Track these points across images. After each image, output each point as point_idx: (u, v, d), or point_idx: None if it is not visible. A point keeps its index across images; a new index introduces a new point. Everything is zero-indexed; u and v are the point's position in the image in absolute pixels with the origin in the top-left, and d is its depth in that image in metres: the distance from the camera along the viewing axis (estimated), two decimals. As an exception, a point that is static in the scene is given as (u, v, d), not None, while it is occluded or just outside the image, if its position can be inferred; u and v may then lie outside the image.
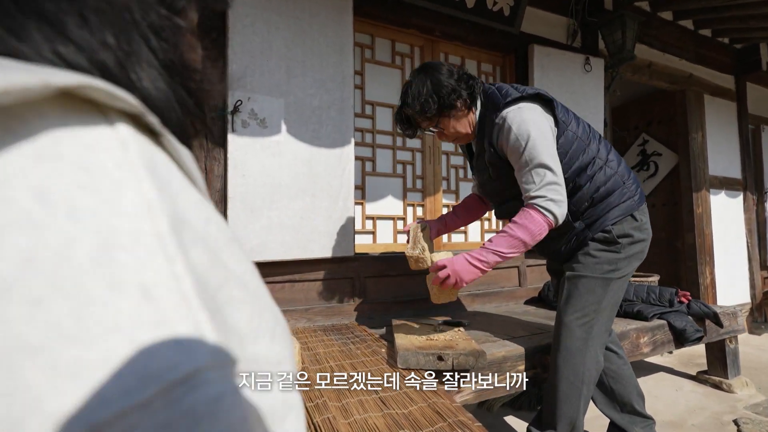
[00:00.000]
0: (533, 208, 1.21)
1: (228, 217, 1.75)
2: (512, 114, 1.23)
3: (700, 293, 3.49)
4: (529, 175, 1.22)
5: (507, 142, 1.24)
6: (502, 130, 1.24)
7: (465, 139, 1.43)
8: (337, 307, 2.07)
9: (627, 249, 1.32)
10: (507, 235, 1.21)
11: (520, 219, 1.21)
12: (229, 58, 1.78)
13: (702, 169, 3.62)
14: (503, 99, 1.26)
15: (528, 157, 1.20)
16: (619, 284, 1.34)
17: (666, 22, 3.44)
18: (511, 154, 1.24)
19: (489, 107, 1.31)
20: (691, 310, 2.05)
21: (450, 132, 1.36)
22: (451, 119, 1.33)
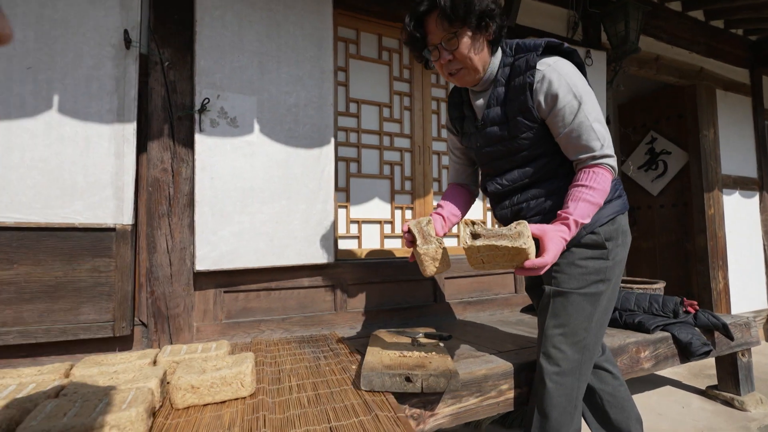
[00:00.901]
0: (605, 168, 1.07)
1: (195, 222, 1.65)
2: (553, 67, 1.08)
3: (713, 299, 3.30)
4: (591, 132, 1.07)
5: (551, 97, 1.08)
6: (541, 84, 1.09)
7: (466, 80, 1.17)
8: (317, 317, 1.95)
9: (614, 254, 1.18)
10: (587, 202, 1.04)
11: (594, 182, 1.05)
12: (196, 54, 1.68)
13: (714, 168, 3.42)
14: (533, 49, 1.11)
15: (586, 112, 1.07)
16: (610, 295, 1.20)
17: (674, 12, 3.25)
18: (559, 111, 1.08)
19: (515, 57, 1.14)
20: (699, 321, 1.89)
21: (461, 56, 1.10)
22: (471, 41, 1.09)
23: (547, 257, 0.96)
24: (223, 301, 1.78)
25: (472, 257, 1.00)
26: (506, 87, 1.15)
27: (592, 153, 1.08)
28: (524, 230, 0.96)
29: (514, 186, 1.23)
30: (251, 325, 1.83)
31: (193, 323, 1.71)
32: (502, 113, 1.17)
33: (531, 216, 1.21)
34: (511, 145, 1.19)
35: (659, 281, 2.34)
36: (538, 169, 1.19)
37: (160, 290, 1.64)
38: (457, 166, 1.47)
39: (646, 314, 1.88)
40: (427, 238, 1.13)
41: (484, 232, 0.98)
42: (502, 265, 0.99)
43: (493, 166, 1.27)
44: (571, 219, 1.03)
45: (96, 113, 1.50)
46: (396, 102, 2.35)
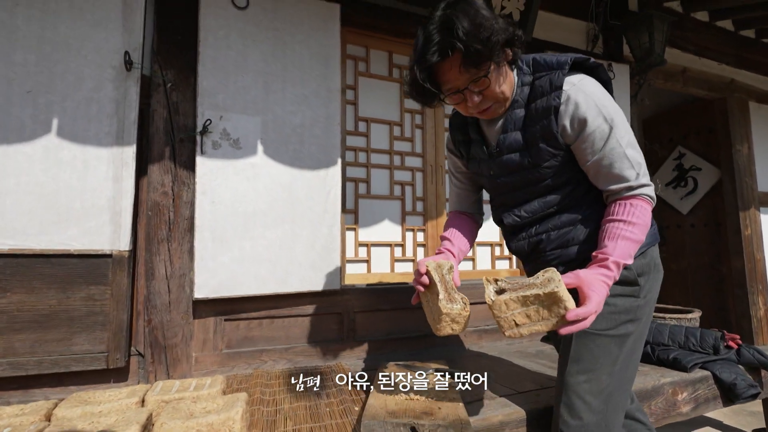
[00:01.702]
0: (643, 199, 0.96)
1: (195, 248, 1.58)
2: (579, 87, 0.97)
3: (753, 327, 3.05)
4: (625, 160, 0.96)
5: (578, 122, 0.96)
6: (566, 106, 0.97)
7: (497, 113, 1.05)
8: (322, 346, 1.85)
9: (646, 291, 1.04)
10: (628, 240, 0.92)
11: (633, 216, 0.94)
12: (199, 74, 1.64)
13: (749, 185, 3.20)
14: (558, 67, 0.99)
15: (618, 137, 0.96)
16: (637, 336, 1.06)
17: (701, 23, 3.10)
18: (588, 136, 0.96)
19: (534, 75, 1.02)
20: (743, 357, 1.70)
21: (492, 93, 0.98)
22: (497, 74, 0.97)
23: (590, 305, 0.83)
24: (223, 329, 1.70)
25: (502, 319, 0.85)
26: (526, 109, 1.03)
27: (627, 183, 0.96)
28: (553, 275, 0.85)
29: (534, 218, 1.10)
30: (252, 356, 1.73)
31: (192, 353, 1.63)
32: (522, 139, 1.04)
33: (551, 249, 1.09)
34: (532, 174, 1.06)
35: (694, 310, 2.15)
36: (562, 199, 1.06)
37: (157, 319, 1.57)
38: (461, 192, 1.31)
39: (682, 349, 1.70)
40: (450, 294, 0.97)
41: (510, 286, 0.87)
42: (540, 326, 0.85)
43: (511, 196, 1.14)
44: (611, 260, 0.90)
45: (95, 136, 1.46)
46: (407, 120, 2.27)
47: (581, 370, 1.04)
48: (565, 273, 0.91)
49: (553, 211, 1.08)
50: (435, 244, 2.25)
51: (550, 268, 0.86)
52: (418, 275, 1.03)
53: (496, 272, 2.40)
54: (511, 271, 2.45)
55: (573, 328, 0.83)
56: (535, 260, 1.14)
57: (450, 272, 1.02)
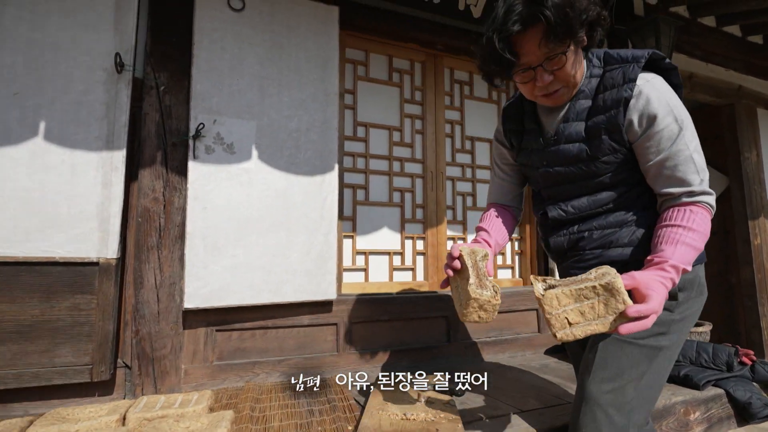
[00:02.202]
0: (705, 207, 0.91)
1: (185, 256, 1.53)
2: (652, 83, 0.93)
3: (763, 339, 2.95)
4: (690, 163, 0.91)
5: (647, 118, 0.92)
6: (637, 100, 0.92)
7: (563, 99, 1.00)
8: (317, 358, 1.78)
9: (684, 308, 0.98)
10: (688, 246, 0.87)
11: (694, 222, 0.89)
12: (193, 77, 1.59)
13: (759, 193, 3.13)
14: (633, 60, 0.95)
15: (687, 139, 0.92)
16: (669, 355, 1.00)
17: (708, 28, 3.05)
18: (655, 134, 0.92)
19: (605, 68, 0.98)
20: (757, 374, 1.62)
21: (565, 75, 0.93)
22: (575, 56, 0.92)
23: (651, 302, 0.76)
24: (214, 340, 1.64)
25: (553, 316, 0.76)
26: (592, 101, 0.99)
27: (689, 188, 0.90)
28: (608, 270, 0.77)
29: (580, 215, 1.05)
30: (245, 368, 1.67)
31: (181, 365, 1.57)
32: (583, 130, 1.00)
33: (591, 248, 1.04)
34: (588, 167, 1.01)
35: (705, 323, 2.07)
36: (613, 200, 1.02)
37: (145, 329, 1.51)
38: (504, 185, 1.26)
39: (693, 366, 1.63)
40: (482, 280, 0.92)
41: (560, 282, 0.79)
42: (596, 325, 0.76)
43: (559, 190, 1.09)
44: (669, 263, 0.84)
45: (84, 140, 1.42)
46: (407, 125, 2.22)
47: (606, 378, 0.97)
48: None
49: (600, 211, 1.03)
50: (435, 252, 2.18)
51: (605, 265, 0.80)
52: (450, 259, 0.98)
53: (498, 282, 2.33)
54: (514, 280, 2.38)
55: (633, 326, 0.75)
56: (571, 258, 1.09)
57: (484, 259, 0.97)
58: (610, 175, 1.00)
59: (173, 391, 1.51)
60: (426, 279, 2.17)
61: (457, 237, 2.27)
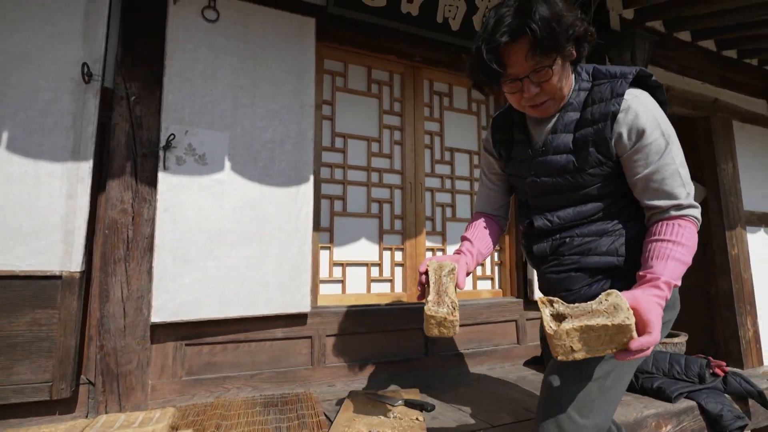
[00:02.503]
0: (691, 221, 0.94)
1: (153, 269, 1.50)
2: (640, 99, 0.96)
3: (742, 349, 2.98)
4: (677, 177, 0.94)
5: (636, 132, 0.94)
6: (626, 114, 0.95)
7: (550, 111, 1.03)
8: (291, 372, 1.75)
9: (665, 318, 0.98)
10: (678, 261, 0.89)
11: (682, 237, 0.90)
12: (164, 88, 1.58)
13: (735, 204, 3.18)
14: (621, 76, 0.98)
15: (673, 154, 0.95)
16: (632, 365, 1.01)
17: (684, 43, 3.12)
18: (643, 148, 0.94)
19: (593, 82, 1.01)
20: (729, 386, 1.63)
21: (551, 88, 0.96)
22: (562, 69, 0.96)
23: (654, 334, 0.77)
24: (184, 355, 1.60)
25: (558, 345, 0.78)
26: (581, 113, 1.02)
27: (677, 201, 0.93)
28: (620, 302, 0.77)
29: (564, 225, 1.07)
30: (215, 383, 1.63)
31: (148, 381, 1.53)
32: (571, 142, 1.03)
33: (570, 254, 1.06)
34: (575, 178, 1.03)
35: (681, 334, 2.08)
36: (597, 212, 1.04)
37: (110, 344, 1.47)
38: (492, 194, 1.28)
39: (666, 378, 1.63)
40: (441, 296, 0.95)
41: (570, 311, 0.79)
42: (597, 350, 0.78)
43: (546, 200, 1.10)
44: (662, 280, 0.85)
45: (49, 151, 1.39)
46: (386, 136, 2.22)
47: (571, 377, 0.98)
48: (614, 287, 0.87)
49: (583, 221, 1.06)
50: (414, 263, 2.17)
51: (613, 290, 0.80)
52: (419, 274, 1.04)
53: (477, 293, 2.32)
54: (493, 291, 2.38)
55: (634, 356, 0.77)
56: (551, 262, 1.11)
57: (450, 274, 1.00)
58: (596, 187, 1.02)
59: (139, 408, 1.47)
60: (404, 290, 2.16)
61: (436, 248, 2.27)
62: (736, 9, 2.62)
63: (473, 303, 2.19)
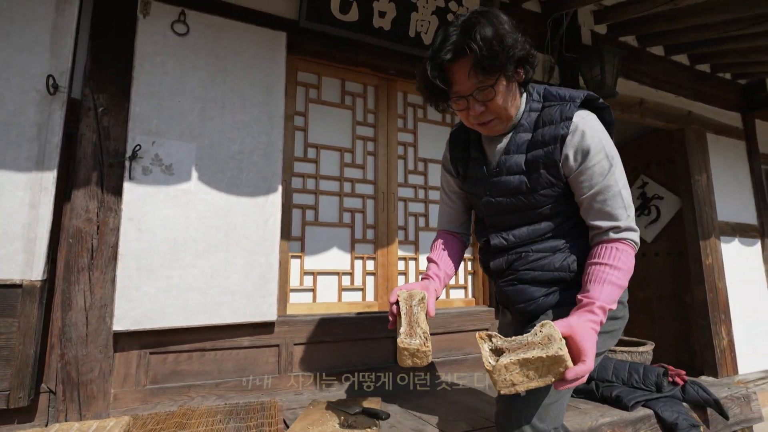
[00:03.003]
0: (629, 244, 0.97)
1: (117, 277, 1.52)
2: (586, 120, 0.99)
3: (716, 357, 3.02)
4: (619, 199, 0.98)
5: (581, 153, 0.98)
6: (572, 136, 0.99)
7: (497, 129, 1.05)
8: (257, 381, 1.76)
9: (609, 323, 1.03)
10: (613, 285, 0.92)
11: (619, 261, 0.94)
12: (132, 100, 1.61)
13: (709, 215, 3.23)
14: (570, 100, 1.02)
15: (617, 176, 0.99)
16: None
17: (657, 57, 3.20)
18: (588, 169, 0.98)
19: (544, 103, 1.05)
20: (687, 395, 1.66)
21: (496, 107, 0.98)
22: (506, 89, 0.98)
23: (588, 361, 0.81)
24: (147, 363, 1.61)
25: (498, 380, 0.81)
26: (532, 134, 1.05)
27: (616, 223, 0.97)
28: (553, 333, 0.81)
29: (520, 243, 1.11)
30: (179, 391, 1.64)
31: (110, 390, 1.53)
32: (523, 163, 1.05)
33: (525, 268, 1.10)
34: (528, 199, 1.06)
35: (647, 342, 2.11)
36: (550, 230, 1.08)
37: (71, 353, 1.48)
38: (452, 212, 1.31)
39: (625, 386, 1.66)
40: (413, 327, 0.96)
41: (507, 345, 0.82)
42: (537, 381, 0.82)
43: (502, 219, 1.13)
44: (597, 305, 0.89)
45: (12, 161, 1.41)
46: (359, 147, 2.26)
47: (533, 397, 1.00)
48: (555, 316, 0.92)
49: (537, 238, 1.10)
50: (386, 273, 2.20)
51: (547, 321, 0.83)
52: (390, 304, 1.06)
53: (450, 302, 2.35)
54: (466, 300, 2.40)
55: (570, 385, 0.81)
56: (507, 276, 1.14)
57: (420, 303, 1.02)
58: (548, 206, 1.06)
59: (100, 417, 1.48)
60: (376, 299, 2.18)
61: (408, 257, 2.29)
62: (704, 25, 2.71)
63: (444, 312, 2.21)
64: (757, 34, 2.72)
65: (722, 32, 2.70)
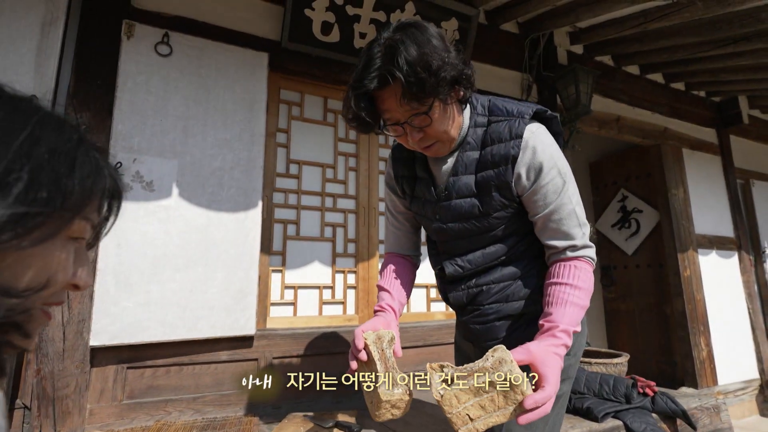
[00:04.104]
0: (587, 261, 0.93)
1: (95, 293, 1.54)
2: (536, 135, 0.92)
3: (696, 368, 3.06)
4: (573, 217, 0.93)
5: (534, 171, 0.92)
6: (523, 153, 0.92)
7: (441, 152, 0.98)
8: (235, 396, 1.77)
9: (576, 349, 1.01)
10: (575, 306, 0.88)
11: (579, 280, 0.90)
12: (114, 118, 1.65)
13: (686, 228, 3.32)
14: (518, 115, 0.94)
15: (570, 193, 0.94)
16: (568, 393, 1.03)
17: (632, 75, 3.31)
18: (541, 188, 0.93)
19: (490, 118, 0.97)
20: (657, 405, 1.70)
21: (435, 132, 0.90)
22: (443, 111, 0.90)
23: (548, 387, 0.74)
24: (125, 378, 1.62)
25: (454, 414, 0.72)
26: (480, 153, 0.97)
27: (573, 242, 0.92)
28: (504, 355, 0.73)
29: (476, 269, 1.03)
30: (157, 406, 1.65)
31: (86, 405, 1.54)
32: (473, 185, 0.98)
33: (490, 302, 1.02)
34: (481, 223, 0.99)
35: (622, 354, 2.15)
36: (505, 252, 1.01)
37: (47, 368, 1.49)
38: (399, 234, 1.17)
39: (596, 398, 1.69)
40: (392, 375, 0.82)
41: (458, 373, 0.74)
42: (497, 417, 0.72)
43: (454, 245, 1.05)
44: (560, 328, 0.83)
45: (-7, 178, 1.44)
46: (341, 162, 2.31)
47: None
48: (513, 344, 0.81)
49: (495, 264, 1.02)
50: (366, 286, 2.23)
51: (500, 346, 0.76)
52: (355, 349, 0.89)
53: (431, 314, 2.38)
54: (447, 313, 2.44)
55: (533, 416, 0.72)
56: (471, 312, 1.05)
57: (391, 344, 0.89)
58: (501, 228, 0.99)
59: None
60: (356, 313, 2.20)
61: (389, 271, 2.33)
62: (675, 47, 2.82)
63: (424, 325, 2.24)
64: (726, 55, 2.84)
65: (692, 53, 2.81)
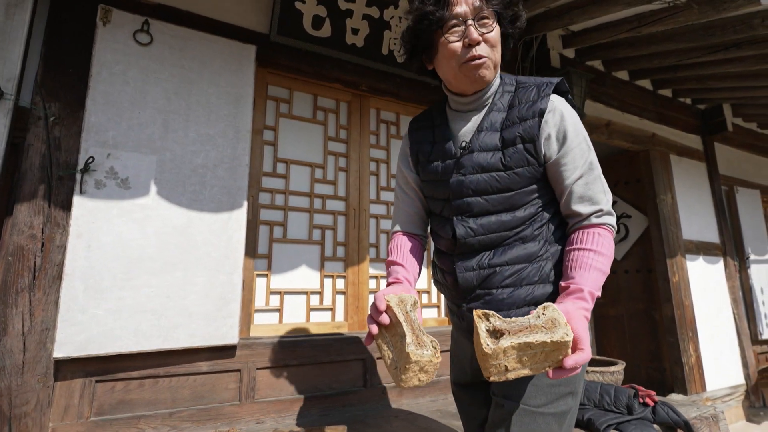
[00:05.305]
0: (609, 229, 0.92)
1: (60, 299, 1.40)
2: (563, 103, 0.96)
3: (685, 374, 3.05)
4: (599, 182, 0.93)
5: (562, 134, 0.93)
6: (553, 115, 0.93)
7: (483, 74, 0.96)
8: (215, 410, 1.65)
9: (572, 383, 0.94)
10: (598, 271, 0.87)
11: (601, 246, 0.89)
12: (87, 109, 1.52)
13: (675, 233, 3.33)
14: (545, 81, 0.98)
15: (594, 161, 0.95)
16: (575, 410, 0.96)
17: (622, 81, 3.32)
18: (569, 151, 0.93)
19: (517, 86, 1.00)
20: (658, 416, 1.64)
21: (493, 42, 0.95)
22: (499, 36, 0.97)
23: (586, 349, 0.74)
24: (93, 393, 1.49)
25: (492, 366, 0.70)
26: (506, 113, 0.98)
27: (598, 207, 0.92)
28: (558, 317, 0.73)
29: (487, 237, 0.97)
30: (128, 423, 1.51)
31: (48, 424, 1.40)
32: (498, 140, 0.97)
33: (502, 286, 0.96)
34: (500, 177, 0.96)
35: (618, 362, 2.11)
36: (520, 223, 0.96)
37: (4, 383, 1.34)
38: (410, 211, 1.14)
39: (597, 409, 1.63)
40: (419, 337, 0.78)
41: (507, 327, 0.72)
42: (532, 368, 0.72)
43: (467, 202, 0.99)
44: (586, 291, 0.83)
45: (-54, 172, 1.30)
46: (330, 162, 2.22)
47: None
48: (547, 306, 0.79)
49: (509, 237, 0.97)
50: (356, 291, 2.13)
51: (549, 304, 0.75)
52: (376, 313, 0.84)
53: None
54: (439, 320, 2.36)
55: (568, 373, 0.73)
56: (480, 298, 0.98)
57: (414, 308, 0.84)
58: (521, 192, 0.96)
59: (35, 454, 1.34)
60: (346, 319, 2.10)
61: (380, 275, 2.24)
62: (665, 52, 2.83)
63: (416, 332, 2.15)
64: (716, 62, 2.86)
65: (681, 59, 2.83)
